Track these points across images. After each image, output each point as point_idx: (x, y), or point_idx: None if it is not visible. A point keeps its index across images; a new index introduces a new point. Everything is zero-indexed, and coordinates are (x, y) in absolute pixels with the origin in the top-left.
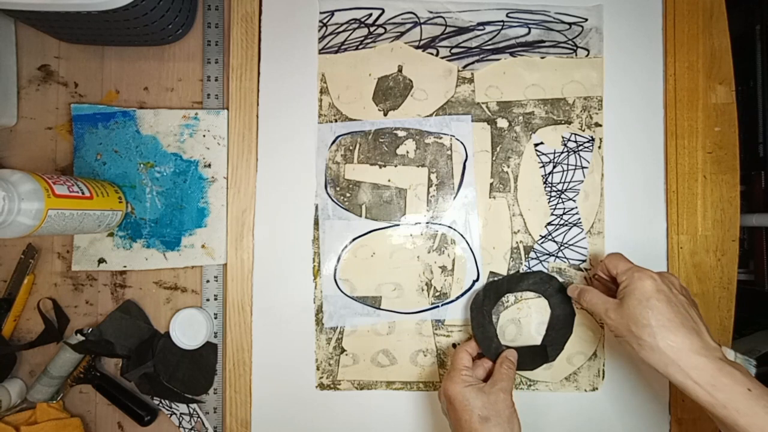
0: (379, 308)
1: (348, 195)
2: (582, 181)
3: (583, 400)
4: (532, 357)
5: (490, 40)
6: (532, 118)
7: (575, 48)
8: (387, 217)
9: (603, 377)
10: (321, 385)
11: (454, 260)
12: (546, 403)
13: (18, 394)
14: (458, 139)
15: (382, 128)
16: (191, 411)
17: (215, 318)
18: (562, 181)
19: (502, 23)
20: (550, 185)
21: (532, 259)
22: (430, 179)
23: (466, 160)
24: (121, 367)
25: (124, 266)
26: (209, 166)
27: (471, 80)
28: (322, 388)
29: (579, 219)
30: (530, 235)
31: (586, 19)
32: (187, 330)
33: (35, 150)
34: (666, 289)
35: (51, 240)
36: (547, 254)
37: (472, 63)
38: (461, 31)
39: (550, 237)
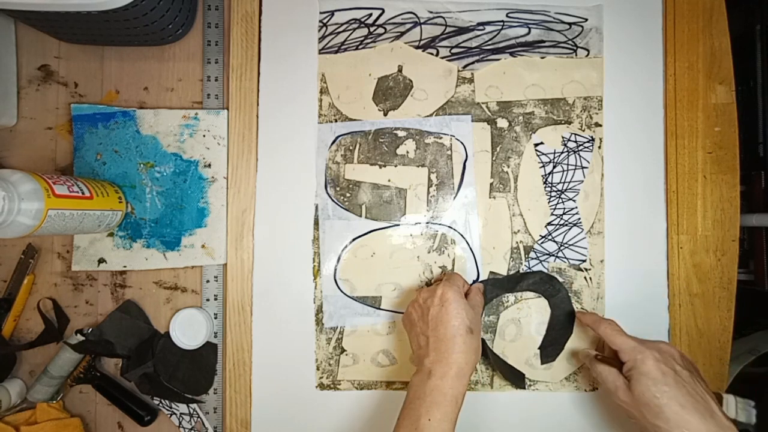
0: (379, 308)
1: (348, 195)
2: (582, 181)
3: (583, 400)
4: (512, 376)
5: (490, 40)
6: (532, 118)
7: (575, 48)
8: (387, 217)
9: None
10: (321, 385)
11: (454, 260)
12: (546, 403)
13: (18, 394)
14: (458, 139)
15: (382, 128)
16: (191, 411)
17: (215, 318)
18: (562, 181)
19: (502, 23)
20: (550, 185)
21: (532, 259)
22: (430, 179)
23: (466, 160)
24: (121, 367)
25: (124, 266)
26: (209, 166)
27: (471, 80)
28: (322, 388)
29: (579, 219)
30: (530, 235)
31: (586, 19)
32: (187, 330)
33: (35, 150)
34: (671, 370)
35: (51, 240)
36: (547, 254)
37: (472, 63)
38: (461, 31)
39: (550, 237)
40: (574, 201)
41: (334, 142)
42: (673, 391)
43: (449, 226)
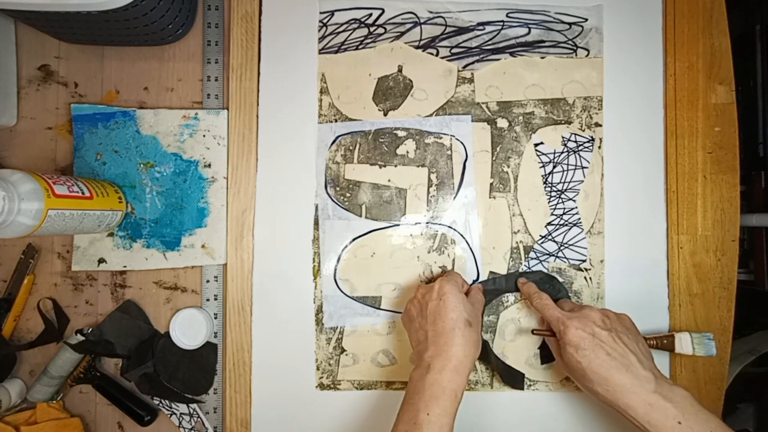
0: (379, 308)
1: (348, 195)
2: (582, 181)
3: (583, 400)
4: (510, 378)
5: (490, 40)
6: (532, 118)
7: (575, 48)
8: (387, 217)
9: None
10: (321, 385)
11: (454, 260)
12: (546, 403)
13: (18, 394)
14: (458, 139)
15: (382, 128)
16: (191, 411)
17: (215, 318)
18: (562, 181)
19: (502, 23)
20: (550, 185)
21: (532, 259)
22: (430, 179)
23: (466, 160)
24: (121, 367)
25: (124, 266)
26: (209, 166)
27: (471, 80)
28: (322, 388)
29: (579, 219)
30: (530, 235)
31: (586, 19)
32: (187, 330)
33: (35, 150)
34: (589, 335)
35: (51, 240)
36: (547, 254)
37: (472, 63)
38: (461, 31)
39: (550, 237)
40: (574, 201)
41: (334, 142)
42: (592, 354)
43: (449, 226)
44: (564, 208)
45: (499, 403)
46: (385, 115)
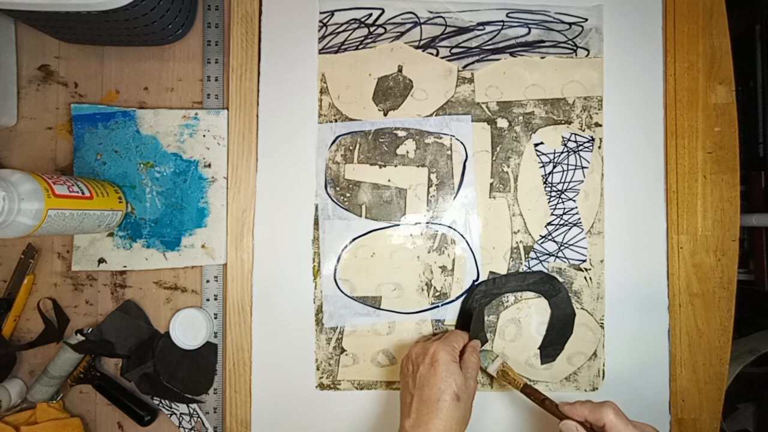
0: (379, 308)
1: (348, 195)
2: (582, 181)
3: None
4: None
5: (490, 40)
6: (532, 118)
7: (575, 48)
8: (387, 217)
9: (603, 377)
10: (321, 385)
11: (454, 260)
12: None
13: (18, 394)
14: (458, 139)
15: (382, 128)
16: (191, 411)
17: (215, 318)
18: (562, 181)
19: (502, 23)
20: (550, 185)
21: (532, 259)
22: (430, 179)
23: (466, 160)
24: (121, 367)
25: (124, 266)
26: (209, 166)
27: (471, 80)
28: (322, 388)
29: (579, 219)
30: (530, 235)
31: (586, 19)
32: (187, 330)
33: (35, 150)
34: None
35: (51, 240)
36: (547, 254)
37: (472, 63)
38: (461, 31)
39: (550, 237)
40: (574, 201)
41: (334, 142)
42: None
43: (449, 226)
44: (564, 208)
45: (499, 403)
46: (385, 115)
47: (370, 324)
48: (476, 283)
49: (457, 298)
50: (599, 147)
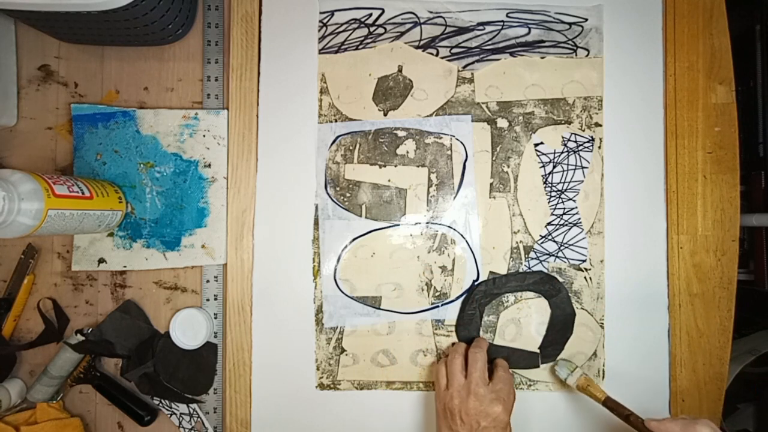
0: (379, 308)
1: (348, 195)
2: (582, 181)
3: (583, 400)
4: (525, 360)
5: (490, 40)
6: (532, 118)
7: (575, 48)
8: (387, 217)
9: (603, 377)
10: (321, 385)
11: (454, 260)
12: (546, 403)
13: (18, 394)
14: (458, 139)
15: (382, 128)
16: (191, 411)
17: (215, 318)
18: (562, 181)
19: (502, 23)
20: (550, 185)
21: (532, 259)
22: (430, 179)
23: (466, 160)
24: (121, 367)
25: (124, 266)
26: (209, 166)
27: (471, 80)
28: (322, 388)
29: (579, 219)
30: (530, 235)
31: (586, 19)
32: (187, 330)
33: (35, 150)
34: None
35: (51, 240)
36: (547, 254)
37: (472, 63)
38: (461, 31)
39: (550, 237)
40: (574, 201)
41: (334, 142)
42: None
43: (449, 226)
44: (564, 208)
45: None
46: (385, 115)
47: (370, 324)
48: (476, 283)
49: (457, 298)
50: (599, 147)
